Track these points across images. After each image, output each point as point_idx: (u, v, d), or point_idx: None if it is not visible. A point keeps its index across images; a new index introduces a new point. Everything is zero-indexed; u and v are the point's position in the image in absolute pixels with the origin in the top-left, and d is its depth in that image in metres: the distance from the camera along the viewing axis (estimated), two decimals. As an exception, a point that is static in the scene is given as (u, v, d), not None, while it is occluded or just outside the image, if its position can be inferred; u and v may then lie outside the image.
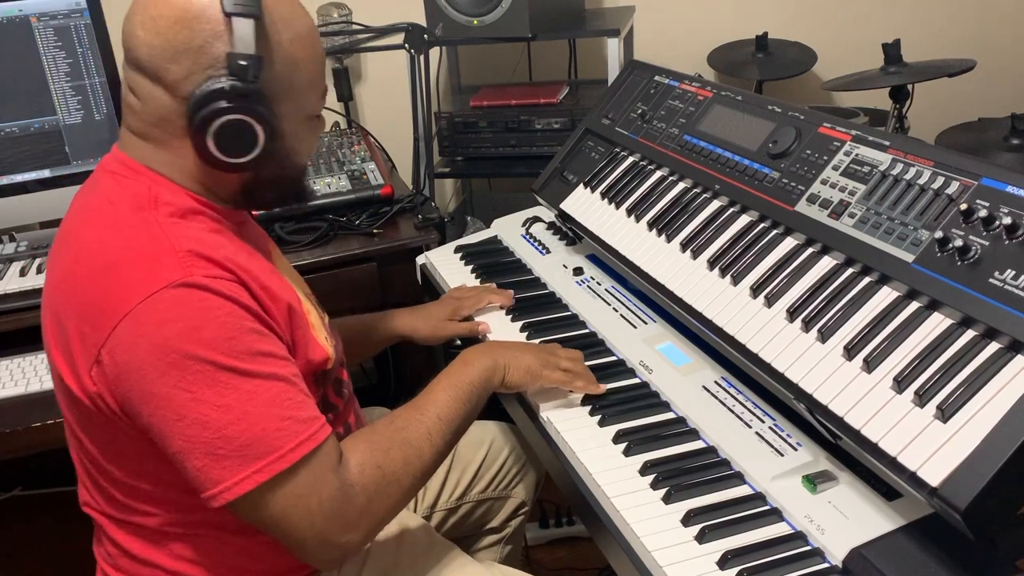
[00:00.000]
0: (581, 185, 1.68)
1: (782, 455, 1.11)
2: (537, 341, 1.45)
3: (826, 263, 1.18)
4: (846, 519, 1.00)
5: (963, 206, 1.03)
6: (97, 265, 1.00)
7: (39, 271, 1.81)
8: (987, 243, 0.99)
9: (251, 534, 1.10)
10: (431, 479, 1.54)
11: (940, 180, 1.09)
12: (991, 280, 0.96)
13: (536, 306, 1.57)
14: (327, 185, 2.01)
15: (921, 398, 0.94)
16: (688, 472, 1.12)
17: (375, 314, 1.57)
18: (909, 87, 2.11)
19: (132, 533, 1.12)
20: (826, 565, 0.97)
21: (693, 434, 1.20)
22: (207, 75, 1.00)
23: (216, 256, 1.00)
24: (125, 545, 1.13)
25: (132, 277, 0.97)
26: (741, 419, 1.19)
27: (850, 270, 1.14)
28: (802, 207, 1.25)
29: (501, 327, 1.52)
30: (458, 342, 1.57)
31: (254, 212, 1.31)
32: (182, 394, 0.95)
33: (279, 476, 0.97)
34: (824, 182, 1.24)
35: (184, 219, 1.04)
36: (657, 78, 1.70)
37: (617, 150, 1.68)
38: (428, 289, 1.82)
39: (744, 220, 1.34)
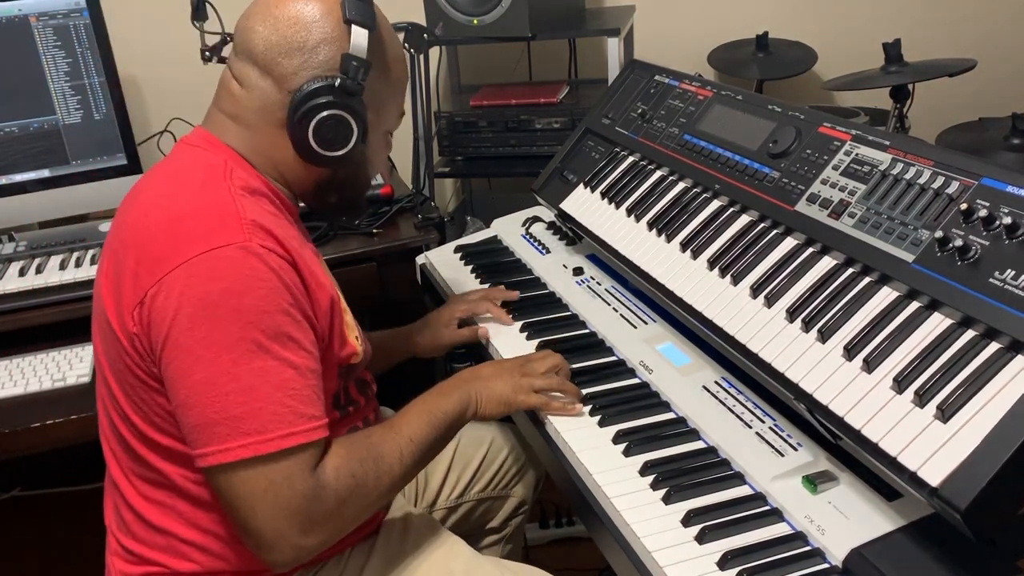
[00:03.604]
0: (581, 185, 1.68)
1: (782, 455, 1.11)
2: (536, 341, 1.45)
3: (826, 263, 1.18)
4: (846, 519, 1.00)
5: (963, 206, 1.02)
6: (167, 216, 1.05)
7: (38, 271, 1.81)
8: (987, 243, 0.99)
9: None
10: (431, 478, 1.56)
11: (940, 180, 1.09)
12: (991, 280, 0.96)
13: (536, 306, 1.57)
14: (327, 185, 2.01)
15: (921, 398, 0.93)
16: (688, 472, 1.12)
17: (377, 334, 1.56)
18: (909, 87, 2.11)
19: (148, 498, 1.14)
20: (826, 565, 0.97)
21: (693, 434, 1.20)
22: (314, 74, 1.10)
23: (277, 233, 1.06)
24: (141, 511, 1.14)
25: (197, 230, 1.02)
26: (741, 419, 1.19)
27: (850, 270, 1.14)
28: (802, 207, 1.25)
29: (502, 329, 1.52)
30: (461, 349, 1.58)
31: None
32: (201, 349, 0.99)
33: (261, 458, 0.99)
34: (824, 182, 1.24)
35: (253, 195, 1.10)
36: (657, 78, 1.70)
37: (617, 150, 1.68)
38: (428, 289, 1.82)
39: (744, 220, 1.34)
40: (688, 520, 1.04)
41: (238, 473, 1.00)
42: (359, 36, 1.10)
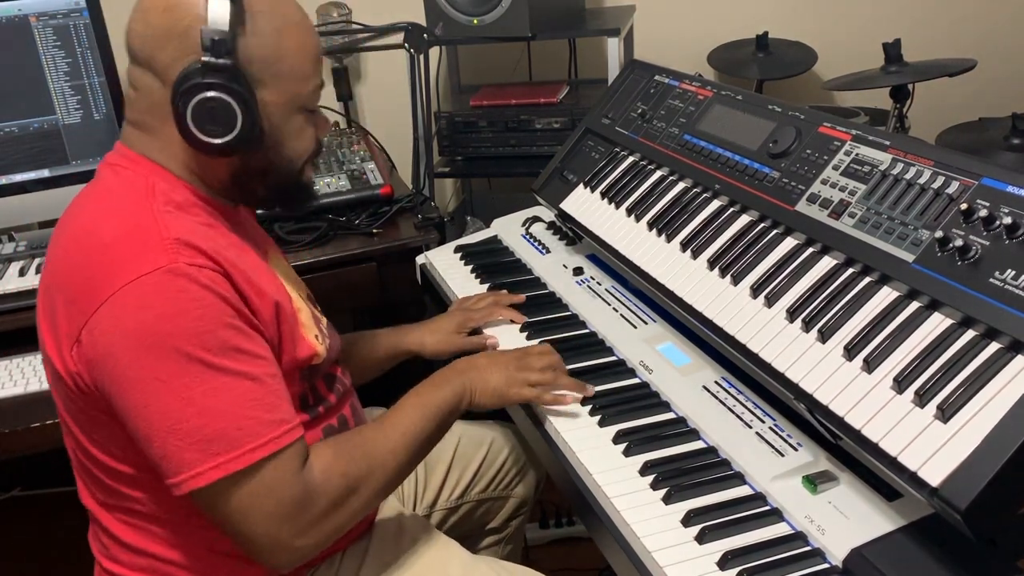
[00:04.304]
0: (581, 185, 1.68)
1: (782, 455, 1.11)
2: (536, 341, 1.45)
3: (826, 263, 1.18)
4: (846, 519, 1.00)
5: (963, 206, 1.02)
6: (90, 247, 1.02)
7: (38, 271, 1.81)
8: (987, 243, 0.99)
9: None
10: (431, 479, 1.55)
11: (940, 180, 1.09)
12: (991, 280, 0.96)
13: (536, 306, 1.57)
14: (327, 185, 2.01)
15: (921, 398, 0.93)
16: (688, 472, 1.12)
17: (382, 331, 1.56)
18: (909, 87, 2.10)
19: (124, 522, 1.13)
20: (826, 565, 0.97)
21: (693, 434, 1.20)
22: (192, 59, 1.03)
23: (204, 246, 1.02)
24: (119, 535, 1.13)
25: (119, 260, 0.99)
26: (741, 419, 1.19)
27: (850, 270, 1.14)
28: (802, 207, 1.25)
29: (502, 328, 1.52)
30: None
31: (256, 212, 1.31)
32: (151, 381, 0.97)
33: (237, 474, 0.98)
34: (824, 182, 1.24)
35: (180, 210, 1.06)
36: (657, 78, 1.70)
37: (617, 150, 1.68)
38: (428, 289, 1.82)
39: (744, 220, 1.34)
40: (688, 520, 1.04)
41: (221, 493, 0.99)
42: (217, 8, 1.01)
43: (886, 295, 1.08)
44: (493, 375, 1.27)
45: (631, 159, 1.63)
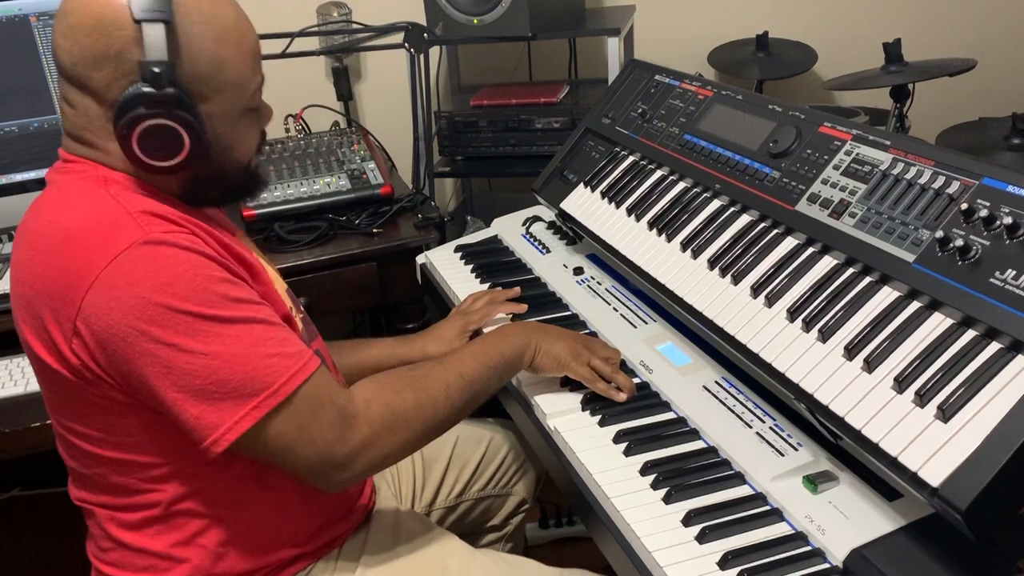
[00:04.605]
0: (581, 184, 1.68)
1: (783, 455, 1.11)
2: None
3: (826, 263, 1.18)
4: (847, 519, 1.00)
5: (964, 206, 1.02)
6: (55, 243, 1.01)
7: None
8: (988, 243, 0.99)
9: (240, 514, 1.13)
10: (430, 477, 1.55)
11: (941, 180, 1.09)
12: (992, 280, 0.96)
13: (536, 306, 1.57)
14: (327, 185, 2.01)
15: (922, 398, 0.93)
16: (688, 472, 1.12)
17: (385, 340, 1.56)
18: (910, 86, 2.10)
19: (123, 522, 1.13)
20: (827, 565, 0.97)
21: (693, 434, 1.20)
22: (129, 80, 1.00)
23: (170, 215, 1.03)
24: (117, 535, 1.14)
25: (92, 245, 0.99)
26: (741, 419, 1.19)
27: (851, 270, 1.14)
28: (802, 207, 1.24)
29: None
30: None
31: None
32: (166, 348, 0.98)
33: (277, 409, 1.01)
34: (825, 182, 1.24)
35: (136, 194, 1.05)
36: (657, 77, 1.70)
37: (617, 149, 1.68)
38: (428, 289, 1.82)
39: (744, 220, 1.33)
40: (688, 520, 1.04)
41: (265, 431, 1.02)
42: (153, 35, 0.98)
43: (886, 295, 1.08)
44: (560, 342, 1.29)
45: (631, 159, 1.63)
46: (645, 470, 1.13)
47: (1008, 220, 0.97)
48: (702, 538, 1.01)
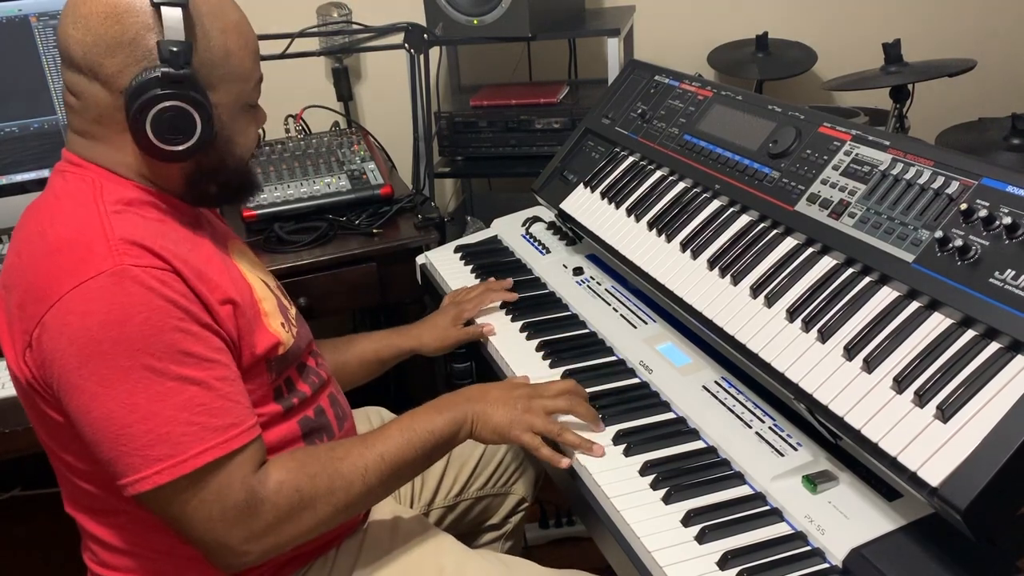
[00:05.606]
0: (581, 185, 1.68)
1: (782, 455, 1.11)
2: (536, 341, 1.45)
3: (826, 263, 1.18)
4: (846, 519, 1.00)
5: (963, 206, 1.02)
6: (39, 253, 1.02)
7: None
8: (987, 243, 0.99)
9: None
10: (428, 476, 1.55)
11: (940, 180, 1.09)
12: (991, 280, 0.96)
13: (536, 306, 1.57)
14: (327, 185, 2.01)
15: (921, 398, 0.93)
16: (688, 472, 1.12)
17: (380, 332, 1.56)
18: (909, 87, 2.10)
19: (106, 525, 1.13)
20: (826, 565, 0.97)
21: (693, 434, 1.20)
22: (142, 67, 1.02)
23: (152, 245, 1.01)
24: (103, 538, 1.14)
25: (66, 264, 0.99)
26: (741, 419, 1.19)
27: (850, 270, 1.14)
28: (802, 207, 1.25)
29: (502, 328, 1.52)
30: (462, 349, 1.58)
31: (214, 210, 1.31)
32: (94, 386, 0.97)
33: (181, 479, 0.99)
34: (824, 182, 1.24)
35: (130, 207, 1.06)
36: (657, 78, 1.70)
37: (617, 150, 1.68)
38: (428, 289, 1.82)
39: (744, 220, 1.34)
40: (688, 520, 1.04)
41: (165, 496, 1.00)
42: (171, 18, 1.01)
43: (886, 295, 1.08)
44: (499, 412, 1.21)
45: (631, 159, 1.63)
46: (645, 470, 1.13)
47: (1007, 220, 0.97)
48: (702, 538, 1.01)
